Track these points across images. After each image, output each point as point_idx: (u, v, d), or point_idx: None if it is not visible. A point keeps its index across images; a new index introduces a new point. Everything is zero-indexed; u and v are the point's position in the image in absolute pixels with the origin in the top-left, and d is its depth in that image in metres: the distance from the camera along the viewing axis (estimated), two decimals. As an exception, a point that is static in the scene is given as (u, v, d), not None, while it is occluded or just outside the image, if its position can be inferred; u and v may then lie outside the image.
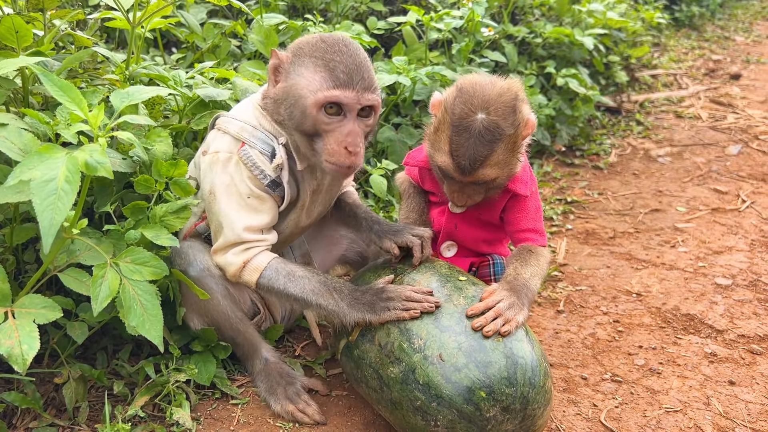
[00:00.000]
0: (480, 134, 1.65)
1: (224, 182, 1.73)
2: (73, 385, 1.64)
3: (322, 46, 1.66)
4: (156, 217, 1.68)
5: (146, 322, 1.44)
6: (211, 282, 1.77)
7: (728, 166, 3.79)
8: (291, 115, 1.69)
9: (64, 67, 1.83)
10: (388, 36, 3.69)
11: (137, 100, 1.48)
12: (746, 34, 7.48)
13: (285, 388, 1.78)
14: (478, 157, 1.66)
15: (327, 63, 1.63)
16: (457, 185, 1.76)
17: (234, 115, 1.81)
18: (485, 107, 1.66)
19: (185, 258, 1.77)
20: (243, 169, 1.72)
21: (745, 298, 2.43)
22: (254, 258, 1.74)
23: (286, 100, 1.69)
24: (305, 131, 1.68)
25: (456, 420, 1.44)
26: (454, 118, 1.67)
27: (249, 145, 1.73)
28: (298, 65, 1.67)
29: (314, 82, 1.63)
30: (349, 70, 1.63)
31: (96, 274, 1.41)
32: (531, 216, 1.88)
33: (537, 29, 3.88)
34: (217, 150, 1.76)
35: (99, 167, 1.28)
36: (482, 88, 1.69)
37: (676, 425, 1.79)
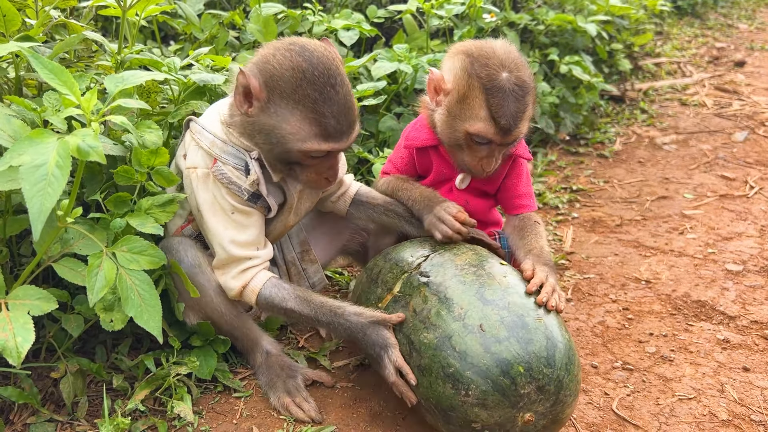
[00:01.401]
0: (514, 92, 1.68)
1: (208, 200, 1.67)
2: (71, 380, 1.60)
3: (305, 86, 1.51)
4: (141, 209, 1.63)
5: (144, 313, 1.40)
6: (202, 278, 1.71)
7: (735, 152, 3.73)
8: (270, 147, 1.61)
9: (55, 53, 1.78)
10: (389, 25, 3.64)
11: (131, 84, 1.44)
12: (749, 21, 7.41)
13: (285, 381, 1.74)
14: (518, 114, 1.69)
15: (315, 113, 1.53)
16: (487, 150, 1.76)
17: (204, 124, 1.71)
18: (506, 66, 1.68)
19: (175, 254, 1.71)
20: (220, 186, 1.66)
21: (756, 283, 2.38)
22: (252, 280, 1.71)
23: (264, 134, 1.59)
24: (284, 161, 1.64)
25: (489, 391, 1.40)
26: (484, 82, 1.67)
27: (221, 162, 1.65)
28: (277, 104, 1.54)
29: (301, 132, 1.55)
30: (338, 119, 1.55)
31: (92, 264, 1.37)
32: (525, 180, 1.94)
33: (539, 16, 3.83)
34: (195, 165, 1.68)
35: (91, 152, 1.24)
36: (492, 50, 1.71)
37: (690, 413, 1.74)
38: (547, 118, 3.61)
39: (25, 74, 1.84)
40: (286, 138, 1.56)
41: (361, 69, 2.88)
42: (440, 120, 1.81)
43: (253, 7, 2.92)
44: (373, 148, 2.78)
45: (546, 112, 3.59)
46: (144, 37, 3.16)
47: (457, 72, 1.73)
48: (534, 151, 3.68)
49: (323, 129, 1.55)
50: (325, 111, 1.53)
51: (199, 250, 1.76)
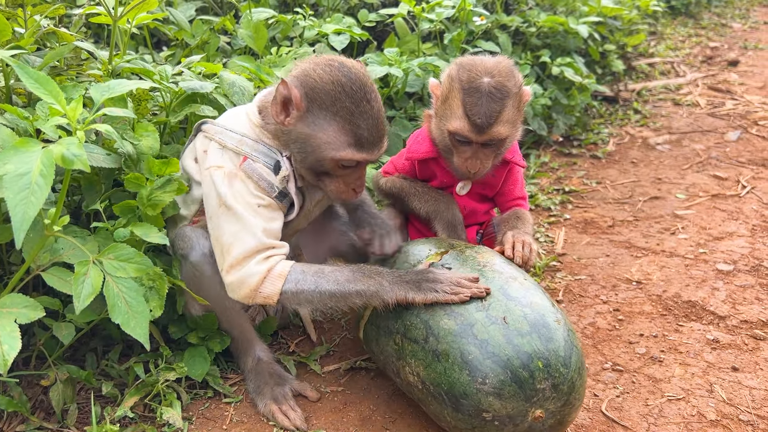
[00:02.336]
0: (490, 93, 1.79)
1: (233, 195, 1.67)
2: (61, 388, 1.61)
3: (343, 99, 1.60)
4: (143, 199, 1.65)
5: (131, 320, 1.40)
6: (210, 269, 1.72)
7: (728, 152, 3.74)
8: (303, 156, 1.68)
9: (46, 62, 1.79)
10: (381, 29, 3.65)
11: (118, 92, 1.45)
12: (743, 20, 7.42)
13: (273, 389, 1.74)
14: (492, 114, 1.79)
15: (351, 124, 1.61)
16: (470, 150, 1.87)
17: (228, 126, 1.75)
18: (489, 72, 1.82)
19: (188, 242, 1.74)
20: (249, 183, 1.68)
21: (747, 283, 2.39)
22: (277, 265, 1.64)
23: (300, 142, 1.66)
24: (315, 170, 1.70)
25: (507, 382, 1.42)
26: (463, 83, 1.82)
27: (252, 159, 1.69)
28: (315, 115, 1.62)
29: (337, 141, 1.62)
30: (371, 131, 1.64)
31: (78, 272, 1.37)
32: (520, 185, 2.10)
33: (531, 18, 3.84)
34: (219, 165, 1.70)
35: (75, 160, 1.25)
36: (481, 60, 1.87)
37: (679, 413, 1.75)
38: (539, 120, 3.62)
39: (15, 83, 1.85)
40: (322, 147, 1.63)
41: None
42: (433, 126, 1.95)
43: (244, 12, 2.93)
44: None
45: (538, 114, 3.61)
46: (136, 43, 3.17)
47: (445, 78, 1.90)
48: (527, 152, 3.69)
49: (357, 139, 1.63)
50: (360, 123, 1.62)
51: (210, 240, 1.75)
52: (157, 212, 1.67)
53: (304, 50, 2.74)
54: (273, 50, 2.75)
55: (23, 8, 1.86)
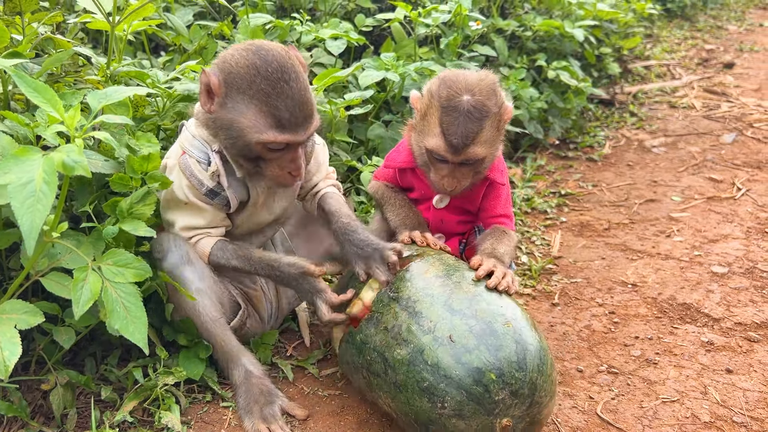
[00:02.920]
0: (469, 112, 1.75)
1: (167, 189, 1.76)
2: (61, 392, 1.62)
3: (258, 81, 1.59)
4: (124, 211, 1.66)
5: (130, 325, 1.42)
6: (186, 272, 1.76)
7: (723, 154, 3.77)
8: (232, 143, 1.68)
9: (44, 69, 1.80)
10: (378, 33, 3.67)
11: (114, 99, 1.46)
12: (739, 22, 7.46)
13: (262, 408, 1.69)
14: (469, 134, 1.76)
15: (269, 106, 1.60)
16: (447, 169, 1.84)
17: (186, 124, 1.83)
18: (470, 90, 1.77)
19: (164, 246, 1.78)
20: (181, 177, 1.74)
21: (741, 285, 2.40)
22: (198, 243, 1.82)
23: (225, 129, 1.67)
24: (247, 157, 1.70)
25: (464, 401, 1.42)
26: (442, 101, 1.78)
27: (188, 154, 1.75)
28: (234, 100, 1.62)
29: (257, 124, 1.62)
30: (292, 112, 1.62)
31: (77, 277, 1.39)
32: (503, 203, 2.01)
33: (527, 22, 3.86)
34: (167, 157, 1.81)
35: (76, 166, 1.26)
36: (463, 75, 1.82)
37: (673, 415, 1.76)
38: (536, 123, 3.64)
39: (13, 89, 1.86)
40: (244, 131, 1.63)
41: (349, 78, 2.91)
42: (413, 138, 1.93)
43: (241, 17, 2.95)
44: (362, 156, 2.81)
45: (535, 117, 3.63)
46: (134, 49, 3.18)
47: (425, 92, 1.86)
48: (523, 155, 3.71)
49: (278, 121, 1.61)
50: (279, 104, 1.60)
51: (189, 246, 1.80)
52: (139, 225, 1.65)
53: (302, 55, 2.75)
54: (270, 55, 2.76)
55: (21, 15, 1.88)
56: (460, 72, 1.84)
